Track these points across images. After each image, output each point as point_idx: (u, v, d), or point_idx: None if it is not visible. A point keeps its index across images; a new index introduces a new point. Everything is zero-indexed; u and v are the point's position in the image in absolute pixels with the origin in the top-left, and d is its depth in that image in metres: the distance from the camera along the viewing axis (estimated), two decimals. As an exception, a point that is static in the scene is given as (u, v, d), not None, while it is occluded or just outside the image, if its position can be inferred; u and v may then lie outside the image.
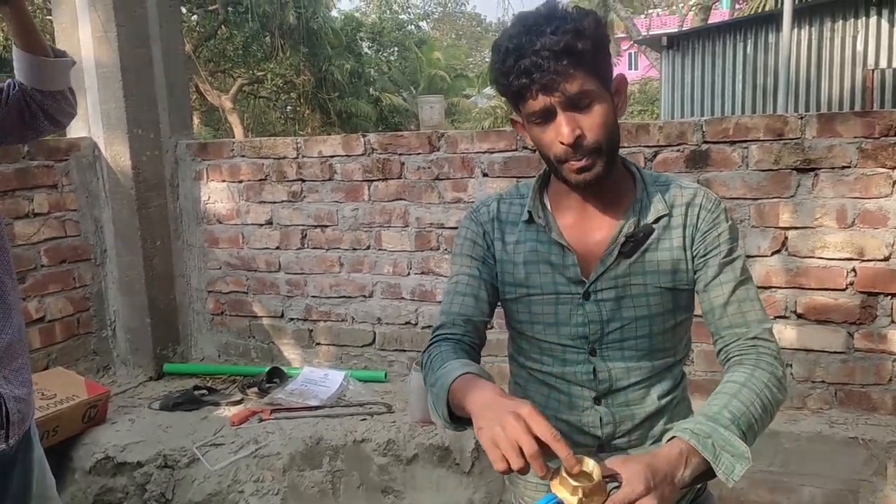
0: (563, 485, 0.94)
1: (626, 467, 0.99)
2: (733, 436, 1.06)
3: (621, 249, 1.24)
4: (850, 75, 9.90)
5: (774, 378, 1.18)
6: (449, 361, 1.19)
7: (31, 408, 1.56)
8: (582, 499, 0.93)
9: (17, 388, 1.48)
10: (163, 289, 3.39)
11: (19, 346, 1.52)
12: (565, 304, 1.27)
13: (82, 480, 2.69)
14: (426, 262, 3.07)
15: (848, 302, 2.53)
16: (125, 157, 3.18)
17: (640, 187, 1.28)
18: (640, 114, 21.74)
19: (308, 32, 18.55)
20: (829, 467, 2.41)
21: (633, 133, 2.71)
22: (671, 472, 1.02)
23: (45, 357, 3.05)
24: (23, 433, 1.54)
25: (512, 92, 1.16)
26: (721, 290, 1.24)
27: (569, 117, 1.14)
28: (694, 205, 1.26)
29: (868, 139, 2.43)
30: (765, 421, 1.14)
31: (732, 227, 1.28)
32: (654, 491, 0.97)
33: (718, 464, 1.04)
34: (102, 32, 3.08)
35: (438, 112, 10.46)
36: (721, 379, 1.20)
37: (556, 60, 1.10)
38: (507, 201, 1.35)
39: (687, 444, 1.04)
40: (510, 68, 1.13)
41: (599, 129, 1.16)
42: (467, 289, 1.32)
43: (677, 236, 1.26)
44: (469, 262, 1.34)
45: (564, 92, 1.12)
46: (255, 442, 2.66)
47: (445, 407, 1.12)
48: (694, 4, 19.03)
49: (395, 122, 22.53)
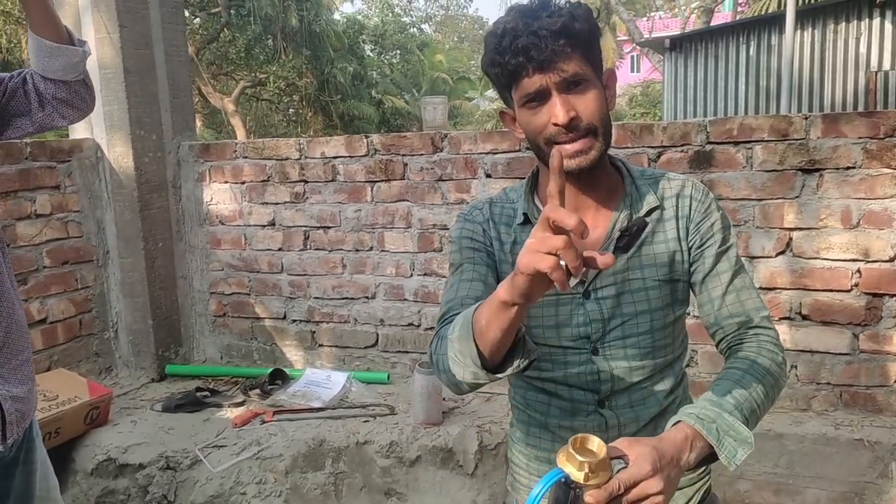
0: (569, 460, 0.96)
1: (634, 448, 1.01)
2: (737, 421, 1.08)
3: (617, 244, 1.23)
4: (853, 77, 9.90)
5: (775, 364, 1.20)
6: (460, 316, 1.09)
7: (31, 406, 1.54)
8: (588, 474, 0.95)
9: (14, 386, 1.46)
10: (165, 290, 3.38)
11: (18, 344, 1.50)
12: (566, 305, 1.26)
13: (84, 482, 2.69)
14: (429, 264, 3.07)
15: (853, 303, 2.52)
16: (128, 158, 3.18)
17: (629, 182, 1.27)
18: (643, 116, 21.73)
19: (310, 35, 18.60)
20: (835, 469, 2.39)
21: (637, 134, 2.70)
22: (677, 456, 1.04)
23: (47, 358, 3.05)
24: (22, 432, 1.52)
25: (507, 72, 1.15)
26: (719, 280, 1.25)
27: (563, 98, 1.13)
28: (684, 196, 1.27)
29: (873, 140, 2.42)
30: (766, 406, 1.16)
31: (723, 216, 1.28)
32: (660, 473, 0.99)
33: (722, 448, 1.06)
34: (106, 34, 3.08)
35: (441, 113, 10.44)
36: (723, 366, 1.21)
37: (554, 39, 1.10)
38: (498, 204, 1.34)
39: (692, 428, 1.06)
40: (506, 47, 1.12)
41: (594, 112, 1.15)
42: (473, 275, 1.25)
43: (671, 228, 1.26)
44: (471, 254, 1.28)
45: (560, 71, 1.12)
46: (258, 444, 2.66)
47: (474, 346, 1.01)
48: (696, 7, 19.03)
49: (397, 125, 22.57)
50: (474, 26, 44.55)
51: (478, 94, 28.76)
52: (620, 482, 0.97)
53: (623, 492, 0.97)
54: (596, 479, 0.95)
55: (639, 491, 0.98)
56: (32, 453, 1.60)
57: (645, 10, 27.26)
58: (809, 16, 10.07)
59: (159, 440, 2.72)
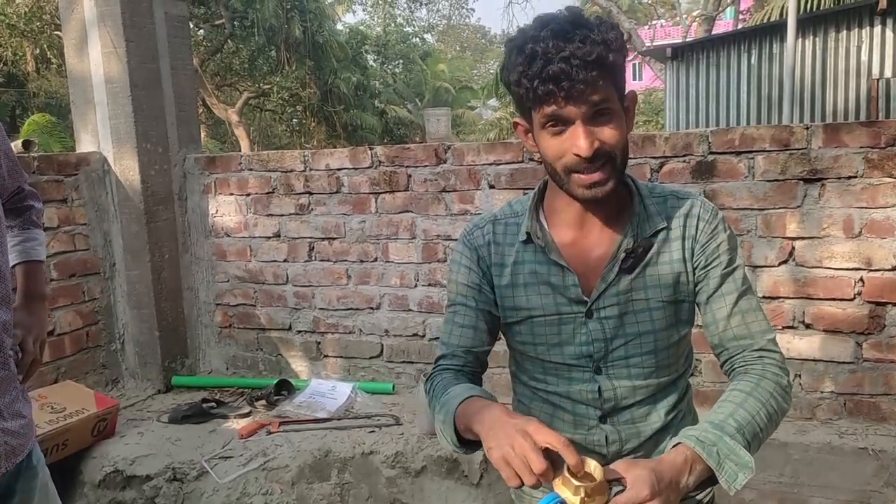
0: (565, 485, 0.96)
1: (631, 471, 1.01)
2: (738, 445, 1.07)
3: (622, 266, 1.22)
4: (854, 85, 9.90)
5: (780, 388, 1.18)
6: (451, 387, 1.22)
7: (25, 440, 1.49)
8: (584, 498, 0.95)
9: (6, 421, 1.46)
10: (171, 302, 3.40)
11: (12, 380, 1.47)
12: (568, 324, 1.26)
13: (91, 494, 2.70)
14: (433, 274, 3.08)
15: (856, 312, 2.53)
16: (134, 171, 3.21)
17: (637, 201, 1.25)
18: (645, 124, 21.75)
19: (314, 46, 18.69)
20: (839, 478, 2.39)
21: (640, 144, 2.72)
22: (676, 478, 1.03)
23: (54, 370, 3.07)
24: (14, 465, 1.50)
25: (534, 96, 1.11)
26: (723, 301, 1.24)
27: (587, 130, 1.11)
28: (692, 216, 1.25)
29: (874, 149, 2.43)
30: (769, 429, 1.15)
31: (731, 237, 1.26)
32: (658, 496, 0.99)
33: (722, 472, 1.06)
34: (112, 48, 3.11)
35: (445, 124, 10.46)
36: (727, 388, 1.20)
37: (587, 70, 1.07)
38: (501, 222, 1.33)
39: (692, 451, 1.06)
40: (537, 73, 1.08)
41: (616, 143, 1.14)
42: (465, 320, 1.32)
43: (676, 248, 1.24)
44: (465, 292, 1.33)
45: (589, 103, 1.10)
46: (264, 454, 2.67)
47: (453, 432, 1.15)
48: (698, 15, 19.07)
49: (400, 135, 22.62)
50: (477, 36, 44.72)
51: (480, 104, 28.81)
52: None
53: None
54: (592, 503, 0.95)
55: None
56: (31, 480, 1.57)
57: (647, 19, 27.33)
58: (811, 24, 10.08)
59: (166, 451, 2.73)
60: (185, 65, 3.47)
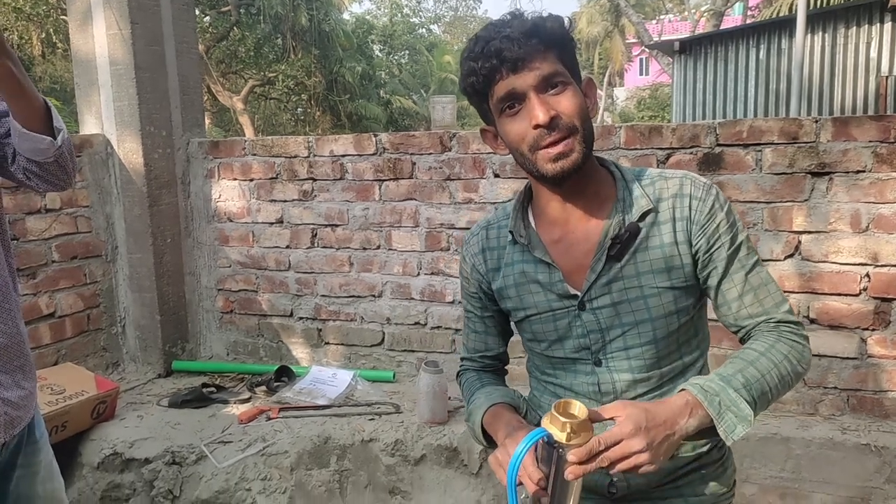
0: (553, 422, 1.02)
1: (624, 410, 1.04)
2: (741, 399, 1.08)
3: (609, 253, 1.19)
4: (863, 82, 9.86)
5: (796, 351, 1.17)
6: (476, 393, 1.36)
7: (25, 412, 1.50)
8: (570, 434, 1.00)
9: (7, 390, 1.45)
10: (173, 286, 3.40)
11: (16, 349, 1.47)
12: (563, 319, 1.25)
13: (90, 476, 2.70)
14: (436, 263, 3.07)
15: (861, 307, 2.51)
16: (137, 154, 3.19)
17: (621, 185, 1.22)
18: (652, 119, 21.69)
19: (320, 35, 18.66)
20: (841, 474, 2.38)
21: (646, 135, 2.70)
22: (671, 419, 1.05)
23: (54, 353, 3.06)
24: (14, 437, 1.50)
25: (482, 78, 1.14)
26: (732, 282, 1.20)
27: (541, 99, 1.12)
28: (682, 195, 1.20)
29: (883, 143, 2.41)
30: (780, 390, 1.15)
31: (728, 211, 1.21)
32: (642, 432, 1.01)
33: (721, 422, 1.07)
34: (117, 30, 3.09)
35: (451, 112, 10.44)
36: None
37: (525, 39, 1.10)
38: (494, 226, 1.35)
39: (694, 397, 1.08)
40: (479, 52, 1.13)
41: (573, 110, 1.13)
42: (475, 326, 1.43)
43: (668, 231, 1.19)
44: (469, 300, 1.42)
45: (535, 70, 1.11)
46: (263, 440, 2.66)
47: (483, 437, 1.31)
48: (706, 10, 18.99)
49: (404, 125, 22.60)
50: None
51: (486, 96, 28.73)
52: (601, 440, 1.00)
53: (604, 449, 1.00)
54: (577, 439, 1.00)
55: (620, 448, 1.01)
56: (35, 455, 1.57)
57: (654, 13, 27.20)
58: (820, 20, 10.03)
59: (165, 435, 2.73)
60: (191, 48, 3.44)
